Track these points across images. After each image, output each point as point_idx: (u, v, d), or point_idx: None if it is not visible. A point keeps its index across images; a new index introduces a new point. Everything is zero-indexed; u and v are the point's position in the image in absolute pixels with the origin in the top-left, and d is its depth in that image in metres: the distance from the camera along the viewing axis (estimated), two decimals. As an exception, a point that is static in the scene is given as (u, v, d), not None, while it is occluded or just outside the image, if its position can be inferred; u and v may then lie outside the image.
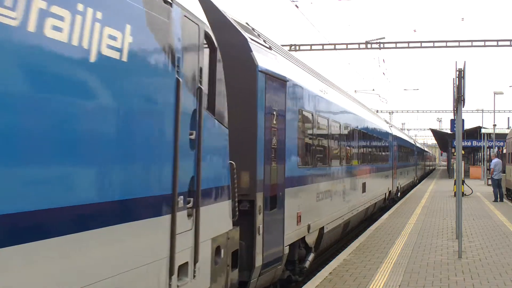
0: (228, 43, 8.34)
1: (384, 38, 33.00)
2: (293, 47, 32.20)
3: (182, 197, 5.60)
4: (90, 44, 3.99)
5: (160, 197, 5.16)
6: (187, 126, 5.72)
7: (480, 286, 9.61)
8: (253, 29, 9.97)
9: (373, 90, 56.48)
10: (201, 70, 6.10)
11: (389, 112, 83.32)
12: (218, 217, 6.70)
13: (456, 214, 13.61)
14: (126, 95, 4.51)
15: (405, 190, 37.48)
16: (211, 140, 6.39)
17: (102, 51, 4.15)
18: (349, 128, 16.43)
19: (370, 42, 32.76)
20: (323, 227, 12.67)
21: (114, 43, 4.30)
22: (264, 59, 8.97)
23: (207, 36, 6.39)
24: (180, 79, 5.43)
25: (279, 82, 9.38)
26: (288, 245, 9.90)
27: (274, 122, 9.10)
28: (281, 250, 9.60)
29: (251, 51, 8.56)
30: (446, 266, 11.28)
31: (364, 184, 18.85)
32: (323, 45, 32.84)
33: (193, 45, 5.97)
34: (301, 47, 32.78)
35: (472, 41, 31.78)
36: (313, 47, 32.82)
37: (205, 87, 6.21)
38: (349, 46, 33.19)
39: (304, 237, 11.14)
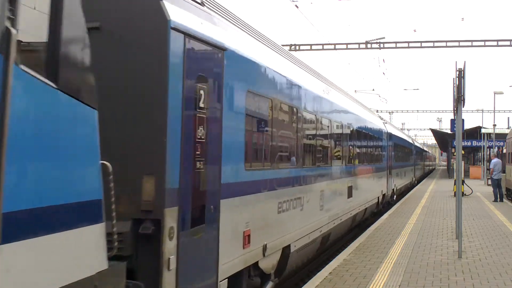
0: None
1: (384, 38, 32.99)
2: (293, 47, 32.21)
3: None
4: None
5: None
6: None
7: (480, 286, 9.61)
8: None
9: (373, 90, 56.50)
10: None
11: (389, 112, 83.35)
12: (67, 256, 4.04)
13: (456, 214, 13.61)
14: None
15: (403, 192, 35.86)
16: (46, 123, 3.87)
17: None
18: (328, 121, 13.40)
19: (370, 42, 32.75)
20: (289, 245, 9.98)
21: None
22: (185, 15, 6.36)
23: None
24: None
25: (211, 49, 6.79)
26: (227, 277, 7.28)
27: (202, 105, 6.48)
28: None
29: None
30: (446, 266, 11.29)
31: (350, 188, 15.96)
32: (323, 45, 32.84)
33: None
34: (301, 47, 32.78)
35: (472, 41, 31.77)
36: (313, 47, 32.82)
37: (28, 35, 3.89)
38: (349, 46, 33.18)
39: (257, 262, 8.50)
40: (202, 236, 6.51)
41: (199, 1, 7.22)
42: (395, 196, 29.32)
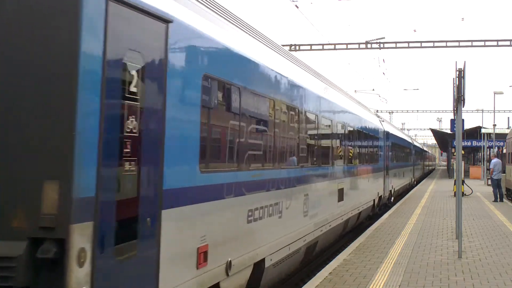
0: None
1: (384, 38, 32.99)
2: (293, 47, 32.20)
3: None
4: None
5: None
6: None
7: (480, 286, 9.61)
8: None
9: (373, 90, 56.51)
10: None
11: (389, 112, 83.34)
12: None
13: (456, 214, 13.60)
14: None
15: (401, 194, 34.79)
16: None
17: None
18: (314, 116, 12.02)
19: (370, 42, 32.75)
20: (263, 259, 8.69)
21: None
22: None
23: None
24: None
25: (149, 19, 5.34)
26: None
27: (133, 90, 5.09)
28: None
29: None
30: (446, 266, 11.28)
31: (341, 191, 14.61)
32: (323, 45, 32.83)
33: None
34: (301, 47, 32.77)
35: (472, 41, 31.77)
36: (313, 47, 32.81)
37: None
38: (349, 46, 33.17)
39: (219, 283, 7.13)
40: (132, 257, 5.02)
41: None
42: (392, 198, 27.99)
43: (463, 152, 43.37)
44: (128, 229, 5.02)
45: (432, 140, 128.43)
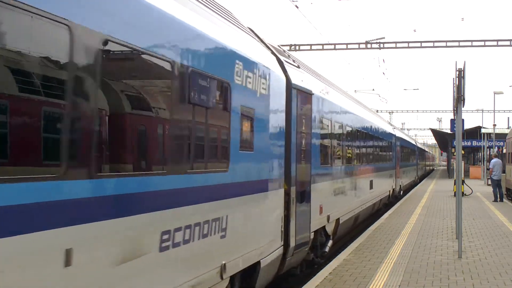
0: None
1: (384, 38, 33.01)
2: (293, 47, 32.20)
3: None
4: None
5: None
6: None
7: (480, 286, 9.61)
8: None
9: (373, 90, 56.44)
10: None
11: (389, 112, 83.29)
12: None
13: (456, 214, 13.61)
14: None
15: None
16: None
17: None
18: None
19: (370, 42, 32.76)
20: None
21: None
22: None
23: None
24: None
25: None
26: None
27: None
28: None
29: None
30: (446, 266, 11.29)
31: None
32: (323, 45, 32.84)
33: None
34: (301, 47, 32.78)
35: (472, 41, 31.78)
36: (313, 47, 32.82)
37: None
38: (349, 46, 33.18)
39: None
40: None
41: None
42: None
43: (463, 152, 43.37)
44: None
45: (432, 140, 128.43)
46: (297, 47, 32.51)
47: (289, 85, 10.11)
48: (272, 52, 10.12)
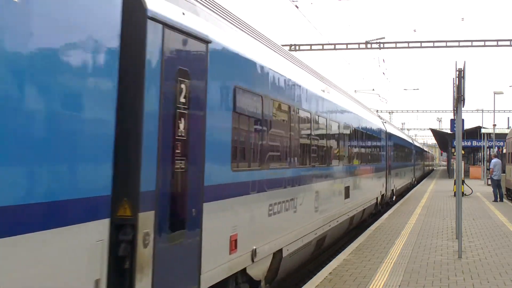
0: None
1: (384, 38, 32.98)
2: (293, 47, 32.20)
3: None
4: None
5: None
6: None
7: (480, 286, 9.61)
8: None
9: (373, 90, 56.41)
10: None
11: (389, 112, 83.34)
12: None
13: (456, 214, 13.61)
14: None
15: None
16: None
17: None
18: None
19: (370, 42, 32.75)
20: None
21: None
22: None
23: None
24: None
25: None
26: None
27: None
28: None
29: None
30: (446, 266, 11.29)
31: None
32: (323, 45, 32.83)
33: None
34: (301, 47, 32.77)
35: (472, 41, 31.77)
36: (313, 47, 32.81)
37: None
38: (349, 46, 33.17)
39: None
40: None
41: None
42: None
43: (463, 152, 43.39)
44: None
45: (432, 140, 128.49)
46: (297, 47, 32.51)
47: (137, 9, 5.30)
48: None
